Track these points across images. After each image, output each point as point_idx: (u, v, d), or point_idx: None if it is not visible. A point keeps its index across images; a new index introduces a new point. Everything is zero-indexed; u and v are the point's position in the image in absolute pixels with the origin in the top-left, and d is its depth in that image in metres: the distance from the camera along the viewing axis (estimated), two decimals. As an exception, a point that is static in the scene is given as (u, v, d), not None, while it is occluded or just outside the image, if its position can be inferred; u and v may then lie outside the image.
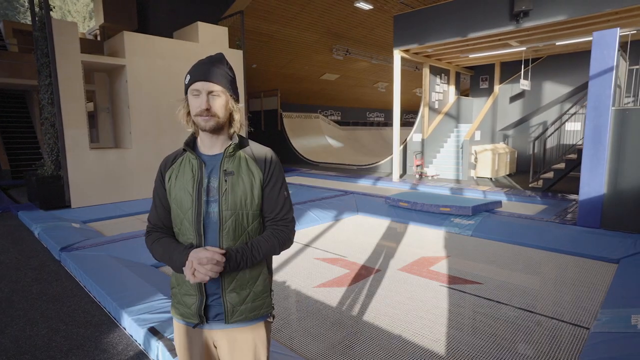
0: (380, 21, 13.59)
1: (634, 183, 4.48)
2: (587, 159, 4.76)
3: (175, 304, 1.21)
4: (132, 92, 7.08)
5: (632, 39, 7.84)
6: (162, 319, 2.52)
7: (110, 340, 2.49)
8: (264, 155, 1.19)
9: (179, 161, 1.19)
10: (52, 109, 6.35)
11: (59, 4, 31.78)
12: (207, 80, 1.09)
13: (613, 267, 3.69)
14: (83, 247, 4.15)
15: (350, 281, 3.47)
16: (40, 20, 6.34)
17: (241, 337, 1.19)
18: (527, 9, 6.71)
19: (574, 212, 5.55)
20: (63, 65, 6.21)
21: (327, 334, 2.54)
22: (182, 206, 1.14)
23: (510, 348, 2.34)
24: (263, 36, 13.20)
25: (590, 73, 4.70)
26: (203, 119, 1.10)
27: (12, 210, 6.48)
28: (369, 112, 22.94)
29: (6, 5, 30.93)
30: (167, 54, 7.50)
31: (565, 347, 2.35)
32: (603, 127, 4.61)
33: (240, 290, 1.16)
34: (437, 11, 8.23)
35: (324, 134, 17.25)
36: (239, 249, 1.11)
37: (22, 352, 2.37)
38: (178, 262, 1.09)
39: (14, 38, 12.24)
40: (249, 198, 1.14)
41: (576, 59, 9.53)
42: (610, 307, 2.71)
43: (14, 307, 2.99)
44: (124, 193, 7.08)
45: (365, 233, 5.14)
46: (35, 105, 11.01)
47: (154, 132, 7.41)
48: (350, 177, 10.42)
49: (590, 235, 4.43)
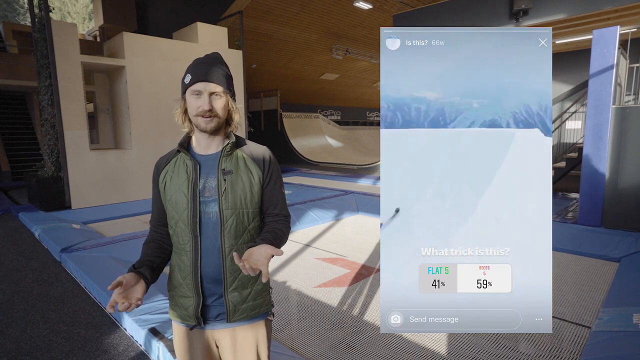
0: (380, 21, 13.58)
1: (635, 181, 4.47)
2: (588, 157, 4.76)
3: (173, 306, 1.20)
4: (131, 93, 7.07)
5: (632, 37, 7.83)
6: (162, 319, 2.52)
7: (111, 341, 2.49)
8: (262, 154, 1.20)
9: (173, 162, 1.18)
10: (52, 110, 6.35)
11: (59, 5, 31.79)
12: (209, 81, 1.09)
13: (614, 265, 3.68)
14: (83, 248, 4.15)
15: (350, 281, 3.47)
16: (40, 22, 6.34)
17: (242, 335, 1.19)
18: (527, 7, 6.70)
19: (574, 211, 5.54)
20: (63, 67, 6.20)
21: (327, 334, 2.54)
22: (177, 207, 1.14)
23: (512, 347, 2.34)
24: (262, 36, 13.20)
25: (590, 71, 4.69)
26: (204, 120, 1.09)
27: (12, 211, 6.48)
28: (368, 111, 22.94)
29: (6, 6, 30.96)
30: (167, 54, 7.50)
31: (567, 346, 2.34)
32: (603, 125, 4.60)
33: (242, 290, 1.16)
34: (437, 10, 8.22)
35: (323, 133, 17.25)
36: (270, 238, 1.08)
37: (23, 353, 2.36)
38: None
39: (14, 39, 12.24)
40: (248, 196, 1.14)
41: (576, 58, 9.52)
42: (611, 306, 2.70)
43: (14, 308, 2.98)
44: (124, 194, 7.08)
45: (365, 233, 5.14)
46: (35, 107, 11.01)
47: (154, 133, 7.40)
48: (351, 176, 10.41)
49: (591, 234, 4.43)
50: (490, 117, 1.19)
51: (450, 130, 1.19)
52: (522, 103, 1.19)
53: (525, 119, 1.19)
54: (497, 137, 1.19)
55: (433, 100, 1.20)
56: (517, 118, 1.19)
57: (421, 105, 1.20)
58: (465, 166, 1.19)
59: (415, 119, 1.20)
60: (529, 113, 1.19)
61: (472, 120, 1.19)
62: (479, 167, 1.19)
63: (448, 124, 1.19)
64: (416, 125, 1.19)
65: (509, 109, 1.19)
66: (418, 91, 1.20)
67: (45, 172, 6.61)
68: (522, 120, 1.19)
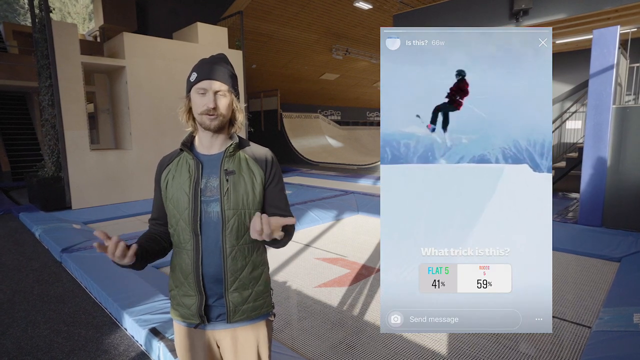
0: (380, 21, 13.58)
1: (636, 181, 4.47)
2: (588, 157, 4.75)
3: (175, 306, 1.20)
4: (132, 93, 7.08)
5: (633, 37, 7.83)
6: (163, 319, 2.52)
7: (112, 341, 2.49)
8: (264, 155, 1.20)
9: (176, 161, 1.19)
10: (53, 110, 6.36)
11: (59, 6, 31.80)
12: (214, 79, 1.10)
13: (615, 265, 3.68)
14: (84, 248, 4.16)
15: (351, 281, 3.47)
16: (40, 22, 6.35)
17: (243, 336, 1.19)
18: (527, 7, 6.70)
19: (575, 211, 5.54)
20: (63, 67, 6.21)
21: (328, 334, 2.54)
22: (178, 206, 1.14)
23: (512, 347, 2.34)
24: (262, 36, 13.20)
25: (590, 71, 4.69)
26: (209, 118, 1.10)
27: (13, 211, 6.48)
28: (368, 111, 22.93)
29: (6, 7, 30.97)
30: (167, 54, 7.50)
31: (567, 346, 2.34)
32: (604, 125, 4.60)
33: (243, 291, 1.16)
34: (437, 10, 8.22)
35: (324, 133, 17.25)
36: (278, 214, 1.10)
37: (24, 353, 2.37)
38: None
39: (14, 40, 12.25)
40: (250, 197, 1.15)
41: (576, 57, 9.52)
42: (612, 306, 2.70)
43: (15, 308, 2.99)
44: (124, 194, 7.09)
45: (366, 233, 5.14)
46: (35, 107, 11.02)
47: (154, 133, 7.41)
48: (351, 176, 10.42)
49: (592, 234, 4.43)
50: (480, 153, 1.20)
51: (438, 166, 1.21)
52: (511, 139, 1.20)
53: (514, 155, 1.20)
54: (486, 173, 1.20)
55: (422, 136, 1.21)
56: (506, 154, 1.20)
57: (410, 140, 1.21)
58: (457, 199, 1.21)
59: (404, 154, 1.21)
60: (517, 149, 1.20)
61: (461, 155, 1.20)
62: (470, 200, 1.21)
63: (437, 160, 1.21)
64: (405, 161, 1.21)
65: (497, 145, 1.20)
66: (407, 126, 1.21)
67: (46, 173, 6.62)
68: (511, 156, 1.20)
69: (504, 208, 1.20)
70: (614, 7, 6.00)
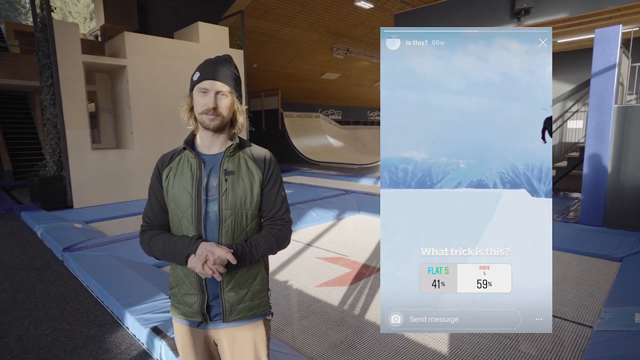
0: (381, 20, 13.56)
1: (637, 181, 4.46)
2: (590, 156, 4.74)
3: (176, 304, 1.21)
4: (133, 92, 7.09)
5: (635, 36, 7.80)
6: (164, 318, 2.53)
7: (114, 340, 2.50)
8: (263, 156, 1.21)
9: (177, 160, 1.19)
10: (54, 109, 6.37)
11: (60, 5, 31.84)
12: (216, 79, 1.11)
13: (616, 265, 3.67)
14: (85, 247, 4.17)
15: (351, 280, 3.47)
16: (42, 22, 6.36)
17: (241, 335, 1.20)
18: (528, 6, 6.68)
19: (576, 210, 5.53)
20: (64, 66, 6.22)
21: (329, 333, 2.55)
22: (180, 205, 1.14)
23: (513, 346, 2.34)
24: (263, 36, 13.20)
25: (592, 71, 4.68)
26: (208, 118, 1.11)
27: (14, 210, 6.50)
28: (369, 111, 22.92)
29: (7, 6, 31.02)
30: (168, 54, 7.51)
31: (568, 346, 2.34)
32: (605, 124, 4.59)
33: (239, 290, 1.16)
34: (438, 10, 8.21)
35: (324, 133, 17.24)
36: (238, 246, 1.11)
37: (27, 351, 2.38)
38: (185, 251, 1.08)
39: (16, 39, 12.27)
40: (248, 198, 1.15)
41: (578, 57, 9.49)
42: (613, 306, 2.70)
43: (17, 307, 3.00)
44: (125, 193, 7.10)
45: (366, 232, 5.14)
46: (37, 106, 11.04)
47: (156, 132, 7.42)
48: (352, 176, 10.41)
49: (593, 234, 4.42)
50: (477, 178, 1.20)
51: (436, 191, 1.21)
52: (508, 163, 1.20)
53: (512, 180, 1.20)
54: (484, 197, 1.21)
55: (420, 161, 1.22)
56: (504, 179, 1.20)
57: (408, 165, 1.21)
58: (456, 223, 1.22)
59: (402, 179, 1.21)
60: (515, 173, 1.20)
61: (458, 180, 1.21)
62: (468, 225, 1.22)
63: (435, 185, 1.21)
64: (403, 185, 1.21)
65: (495, 170, 1.20)
66: (405, 151, 1.21)
67: (47, 172, 6.64)
68: (509, 181, 1.20)
69: (502, 233, 1.20)
70: (616, 6, 5.98)
